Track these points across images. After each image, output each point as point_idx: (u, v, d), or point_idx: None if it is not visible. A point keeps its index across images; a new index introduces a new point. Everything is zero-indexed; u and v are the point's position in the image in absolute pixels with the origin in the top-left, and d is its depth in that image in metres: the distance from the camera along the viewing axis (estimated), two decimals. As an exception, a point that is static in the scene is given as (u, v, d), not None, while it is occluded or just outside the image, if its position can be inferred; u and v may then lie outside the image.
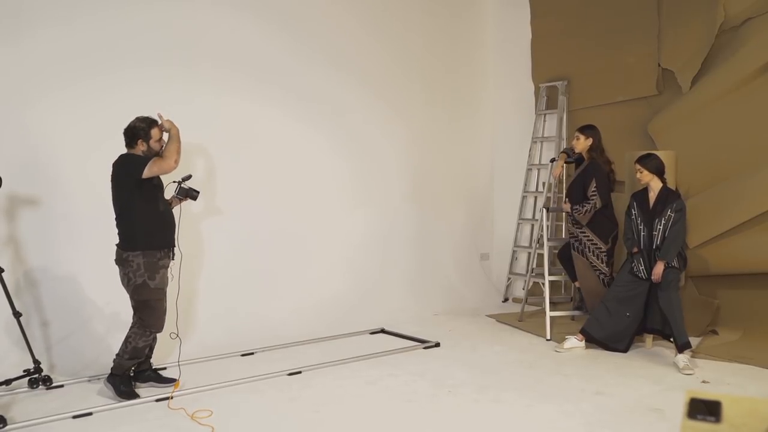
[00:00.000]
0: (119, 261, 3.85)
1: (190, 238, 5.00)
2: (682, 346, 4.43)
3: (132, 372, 4.03)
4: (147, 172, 3.71)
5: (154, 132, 3.87)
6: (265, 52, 5.47)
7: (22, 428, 3.41)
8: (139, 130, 3.84)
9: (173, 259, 3.99)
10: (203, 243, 5.11)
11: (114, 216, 3.87)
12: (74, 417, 3.55)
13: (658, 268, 4.54)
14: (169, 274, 3.99)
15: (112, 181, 3.82)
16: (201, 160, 5.09)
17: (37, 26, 4.42)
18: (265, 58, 5.47)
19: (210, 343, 4.84)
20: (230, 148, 5.26)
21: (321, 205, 5.83)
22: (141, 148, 3.85)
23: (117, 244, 3.87)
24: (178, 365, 4.13)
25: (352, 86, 6.03)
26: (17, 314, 3.95)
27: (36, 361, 3.98)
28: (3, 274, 3.89)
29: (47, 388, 4.00)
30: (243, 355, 4.78)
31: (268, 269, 5.45)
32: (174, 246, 4.00)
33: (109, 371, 3.94)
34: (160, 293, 3.90)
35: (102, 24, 4.66)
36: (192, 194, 4.07)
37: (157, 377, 4.12)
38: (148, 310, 3.87)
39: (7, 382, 3.88)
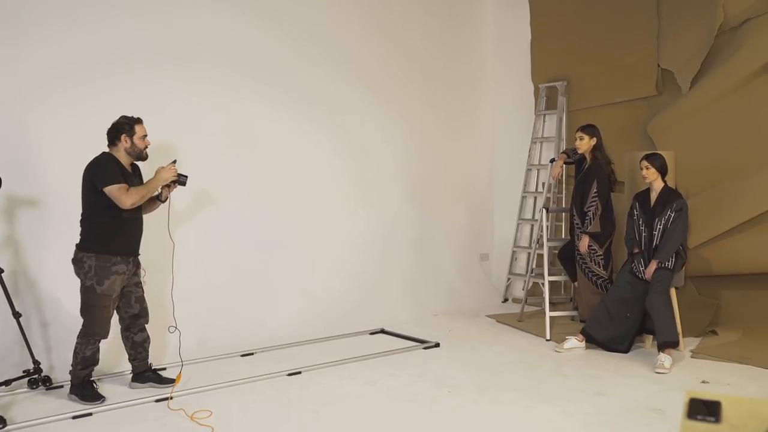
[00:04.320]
0: (74, 260, 3.79)
1: (191, 238, 5.01)
2: (661, 345, 4.43)
3: (131, 372, 4.05)
4: (107, 191, 3.66)
5: (140, 128, 3.83)
6: (265, 52, 5.47)
7: (22, 428, 3.41)
8: (123, 125, 3.79)
9: (133, 267, 3.91)
10: (203, 243, 5.11)
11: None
12: (74, 417, 3.55)
13: (650, 267, 4.55)
14: (142, 281, 3.96)
15: (82, 180, 3.78)
16: (201, 161, 5.09)
17: (37, 28, 4.42)
18: (265, 59, 5.47)
19: (210, 344, 4.84)
20: (230, 148, 5.27)
21: (321, 205, 5.83)
22: (124, 144, 3.79)
23: (76, 244, 3.82)
24: (180, 355, 4.07)
25: (352, 86, 6.03)
26: (17, 315, 3.95)
27: (36, 362, 3.98)
28: (2, 274, 3.90)
29: (47, 389, 4.00)
30: (243, 355, 4.78)
31: (269, 270, 5.45)
32: (136, 255, 3.93)
33: (70, 383, 3.87)
34: (107, 300, 3.76)
35: (103, 26, 4.66)
36: (181, 180, 3.94)
37: (157, 378, 4.11)
38: (91, 316, 3.77)
39: (7, 382, 3.87)
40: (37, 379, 3.96)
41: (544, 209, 5.62)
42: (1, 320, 4.15)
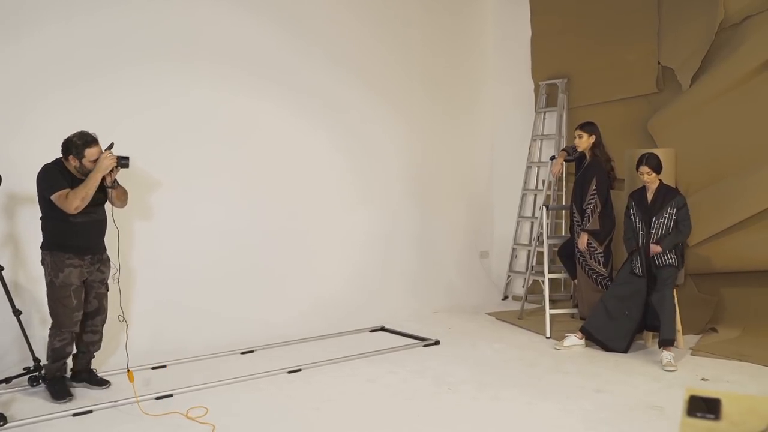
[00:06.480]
0: (41, 261, 3.87)
1: (191, 234, 5.02)
2: (663, 342, 4.45)
3: (69, 372, 4.02)
4: (53, 200, 3.66)
5: (90, 152, 3.69)
6: (264, 48, 5.47)
7: (22, 426, 3.41)
8: (72, 146, 3.70)
9: (95, 263, 3.89)
10: (203, 240, 5.11)
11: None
12: (74, 415, 3.55)
13: (654, 248, 4.56)
14: (110, 280, 3.95)
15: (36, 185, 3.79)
16: (200, 157, 5.09)
17: (36, 24, 4.42)
18: (264, 55, 5.47)
19: (210, 341, 4.84)
20: (230, 145, 5.27)
21: (321, 202, 5.83)
22: (73, 163, 3.73)
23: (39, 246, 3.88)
24: (126, 351, 3.90)
25: (352, 83, 6.03)
26: (17, 312, 3.95)
27: (36, 359, 3.98)
28: (3, 272, 3.90)
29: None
30: (243, 353, 4.78)
31: (269, 267, 5.45)
32: (93, 253, 3.88)
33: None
34: (66, 290, 3.77)
35: (101, 21, 4.66)
36: (122, 162, 3.78)
37: (90, 378, 4.06)
38: (54, 308, 3.81)
39: (7, 380, 3.89)
40: (38, 376, 3.96)
41: (544, 207, 5.62)
42: (2, 318, 4.15)
